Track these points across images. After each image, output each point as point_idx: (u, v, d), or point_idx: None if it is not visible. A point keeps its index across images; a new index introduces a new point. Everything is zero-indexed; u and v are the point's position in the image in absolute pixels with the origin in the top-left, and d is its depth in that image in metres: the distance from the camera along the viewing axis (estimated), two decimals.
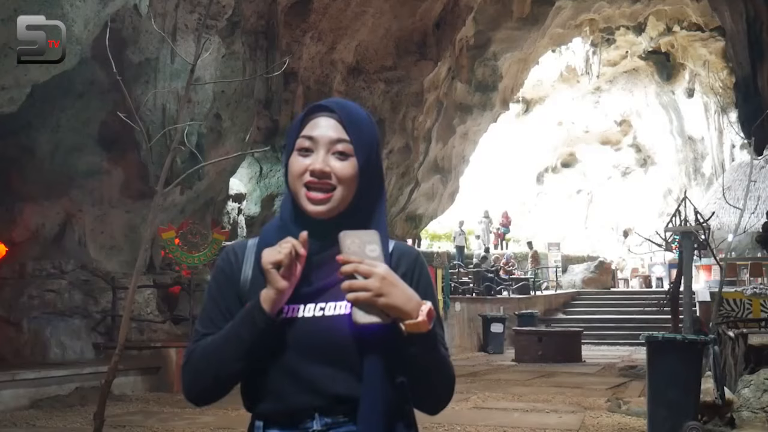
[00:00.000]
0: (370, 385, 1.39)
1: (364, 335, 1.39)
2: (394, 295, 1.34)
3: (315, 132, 1.47)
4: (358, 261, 1.35)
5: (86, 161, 11.85)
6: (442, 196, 23.09)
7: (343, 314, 1.42)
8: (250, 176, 16.79)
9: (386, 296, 1.33)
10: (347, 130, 1.47)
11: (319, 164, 1.45)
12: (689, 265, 8.87)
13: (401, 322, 1.36)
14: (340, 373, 1.42)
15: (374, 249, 1.37)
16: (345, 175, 1.45)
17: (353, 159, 1.47)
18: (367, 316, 1.34)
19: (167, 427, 7.31)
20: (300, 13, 15.28)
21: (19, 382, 8.64)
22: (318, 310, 1.44)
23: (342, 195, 1.46)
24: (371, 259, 1.36)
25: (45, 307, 10.65)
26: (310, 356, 1.42)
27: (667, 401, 6.36)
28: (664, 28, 29.41)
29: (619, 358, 15.93)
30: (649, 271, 29.80)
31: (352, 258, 1.35)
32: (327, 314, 1.44)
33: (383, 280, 1.34)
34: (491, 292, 21.34)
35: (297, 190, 1.47)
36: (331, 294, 1.44)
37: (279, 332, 1.43)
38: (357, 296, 1.33)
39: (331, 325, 1.42)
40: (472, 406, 8.74)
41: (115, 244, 12.46)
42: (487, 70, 22.22)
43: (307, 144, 1.47)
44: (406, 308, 1.35)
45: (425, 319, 1.36)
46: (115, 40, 9.85)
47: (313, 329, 1.43)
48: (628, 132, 38.18)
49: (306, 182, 1.45)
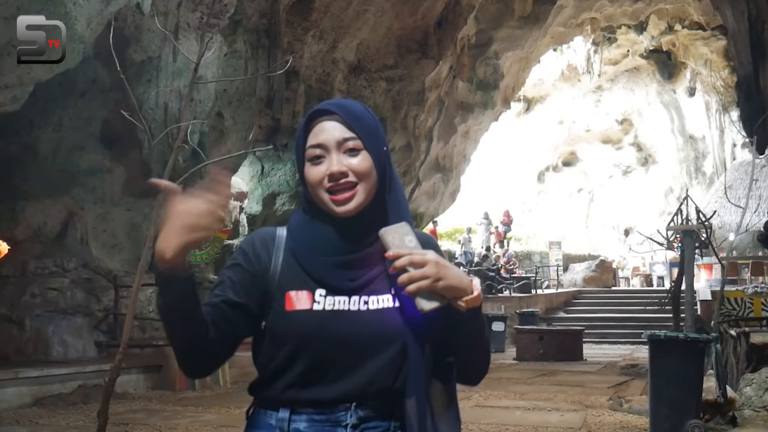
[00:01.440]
0: (417, 377, 1.43)
1: (416, 325, 1.43)
2: (451, 276, 1.39)
3: (321, 138, 1.49)
4: (408, 253, 1.39)
5: (88, 159, 11.86)
6: (443, 195, 23.08)
7: (388, 307, 1.47)
8: (251, 175, 16.80)
9: (444, 279, 1.38)
10: (351, 127, 1.49)
11: (335, 166, 1.47)
12: (691, 263, 8.87)
13: (459, 300, 1.40)
14: (382, 366, 1.44)
15: (411, 239, 1.42)
16: (362, 169, 1.48)
17: (365, 152, 1.49)
18: (430, 303, 1.37)
19: (169, 425, 7.32)
20: (302, 11, 15.28)
21: (22, 380, 8.66)
22: (362, 303, 1.47)
23: (365, 189, 1.48)
24: (417, 249, 1.41)
25: (47, 306, 10.67)
26: (354, 349, 1.44)
27: (669, 399, 6.37)
28: (666, 27, 29.37)
29: (620, 357, 15.92)
30: (650, 269, 29.80)
31: (401, 251, 1.39)
32: (372, 308, 1.46)
33: (438, 265, 1.38)
34: (492, 290, 21.34)
35: (321, 198, 1.49)
36: (372, 289, 1.48)
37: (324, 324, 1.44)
38: (420, 285, 1.37)
39: (378, 318, 1.45)
40: (473, 404, 8.74)
41: (117, 243, 12.47)
42: (488, 69, 22.19)
43: (317, 152, 1.49)
44: (461, 286, 1.40)
45: (479, 293, 1.43)
46: (117, 39, 9.83)
47: (358, 322, 1.45)
48: (629, 131, 38.15)
49: (327, 188, 1.48)
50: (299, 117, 16.13)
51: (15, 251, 11.93)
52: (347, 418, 1.44)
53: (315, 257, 1.50)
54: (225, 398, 9.26)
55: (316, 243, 1.51)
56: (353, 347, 1.44)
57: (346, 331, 1.44)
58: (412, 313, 1.41)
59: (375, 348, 1.44)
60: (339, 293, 1.47)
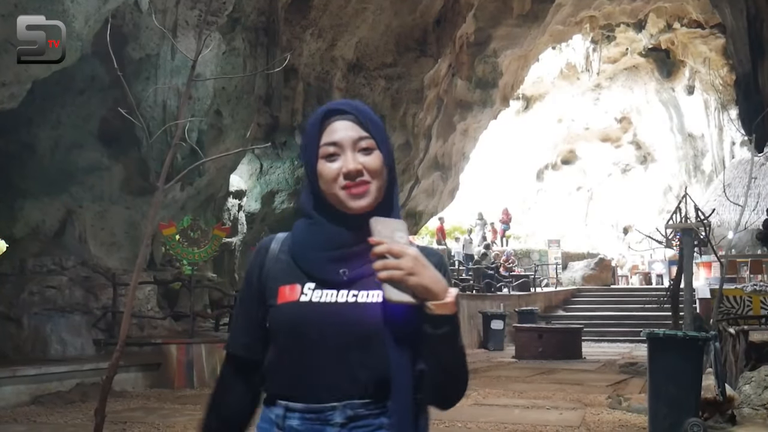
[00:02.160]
0: (401, 375, 1.42)
1: (395, 322, 1.42)
2: (425, 275, 1.38)
3: (336, 136, 1.52)
4: (390, 241, 1.40)
5: (87, 158, 11.84)
6: (442, 193, 23.07)
7: (376, 302, 1.46)
8: (250, 173, 16.78)
9: (417, 275, 1.37)
10: (366, 127, 1.53)
11: (351, 165, 1.50)
12: (690, 262, 8.87)
13: (429, 303, 1.39)
14: (364, 362, 1.45)
15: (402, 236, 1.42)
16: (375, 168, 1.51)
17: (377, 152, 1.53)
18: (398, 295, 1.37)
19: (168, 423, 7.31)
20: (300, 9, 15.26)
21: (19, 378, 8.65)
22: (351, 297, 1.48)
23: (377, 186, 1.52)
24: (405, 245, 1.41)
25: (45, 304, 10.65)
26: (336, 342, 1.45)
27: (667, 398, 6.36)
28: (665, 25, 29.34)
29: (619, 355, 15.93)
30: (649, 268, 29.82)
31: (384, 240, 1.40)
32: (360, 301, 1.47)
33: (415, 260, 1.38)
34: (491, 289, 21.34)
35: (335, 193, 1.51)
36: (365, 283, 1.48)
37: (309, 315, 1.48)
38: (391, 274, 1.37)
39: (363, 312, 1.46)
40: (472, 403, 8.73)
41: (116, 241, 12.46)
42: (487, 67, 22.17)
43: (332, 150, 1.52)
44: (434, 288, 1.38)
45: (452, 300, 1.39)
46: (115, 37, 9.81)
47: (342, 314, 1.46)
48: (628, 129, 38.16)
49: (342, 186, 1.51)
50: (298, 115, 16.12)
51: (13, 249, 11.93)
52: (335, 417, 1.45)
53: (308, 253, 1.53)
54: None
55: (313, 240, 1.54)
56: (335, 340, 1.45)
57: (328, 322, 1.46)
58: (391, 310, 1.42)
59: (357, 343, 1.45)
60: (328, 286, 1.49)
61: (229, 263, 16.43)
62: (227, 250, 16.01)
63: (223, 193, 15.45)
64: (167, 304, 13.09)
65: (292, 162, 16.51)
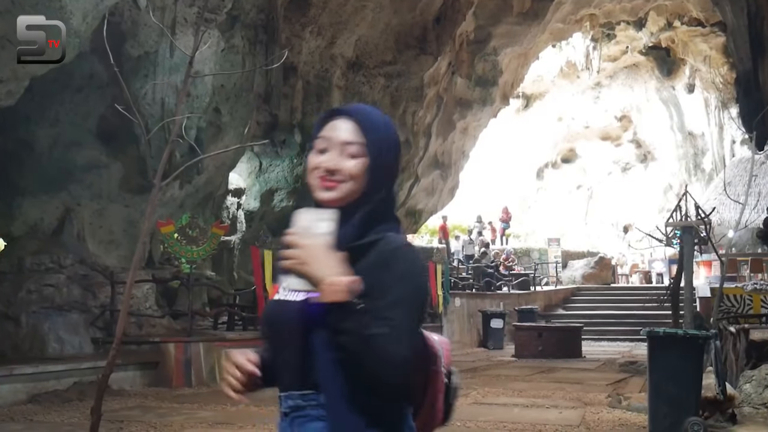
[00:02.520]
0: (325, 367, 1.48)
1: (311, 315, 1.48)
2: (312, 265, 1.45)
3: (330, 133, 1.61)
4: (294, 234, 1.48)
5: (85, 155, 11.80)
6: (441, 192, 23.04)
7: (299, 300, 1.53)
8: (249, 171, 16.75)
9: (306, 264, 1.46)
10: (363, 134, 1.59)
11: (329, 163, 1.58)
12: (690, 260, 8.84)
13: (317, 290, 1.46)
14: (297, 355, 1.52)
15: (323, 226, 1.48)
16: (353, 173, 1.58)
17: (363, 159, 1.58)
18: (297, 283, 1.47)
19: (165, 422, 7.28)
20: (299, 7, 15.23)
21: (17, 376, 8.63)
22: (301, 294, 1.54)
23: (350, 188, 1.58)
24: (316, 235, 1.47)
25: (43, 302, 10.62)
26: (282, 337, 1.56)
27: (668, 397, 6.33)
28: (665, 24, 29.31)
29: (619, 354, 15.91)
30: (649, 266, 29.78)
31: (293, 231, 1.48)
32: (300, 298, 1.53)
33: (306, 251, 1.46)
34: (491, 287, 21.32)
35: (312, 183, 1.62)
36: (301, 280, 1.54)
37: (269, 313, 1.61)
38: (285, 264, 1.48)
39: (299, 308, 1.53)
40: (472, 401, 8.71)
41: (114, 239, 12.43)
42: (487, 65, 22.14)
43: (323, 145, 1.61)
44: (317, 276, 1.45)
45: (334, 288, 1.43)
46: (113, 34, 9.81)
47: (286, 311, 1.56)
48: (628, 128, 38.12)
49: (319, 176, 1.60)
50: (297, 113, 16.10)
51: (11, 247, 11.91)
52: (282, 406, 1.57)
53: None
54: (221, 395, 9.18)
55: None
56: (281, 335, 1.56)
57: (277, 320, 1.58)
58: (310, 305, 1.49)
59: (290, 337, 1.53)
60: (279, 283, 1.60)
61: (228, 261, 16.40)
62: (226, 248, 15.97)
63: (222, 191, 15.41)
64: (166, 302, 13.06)
65: (291, 160, 16.48)
